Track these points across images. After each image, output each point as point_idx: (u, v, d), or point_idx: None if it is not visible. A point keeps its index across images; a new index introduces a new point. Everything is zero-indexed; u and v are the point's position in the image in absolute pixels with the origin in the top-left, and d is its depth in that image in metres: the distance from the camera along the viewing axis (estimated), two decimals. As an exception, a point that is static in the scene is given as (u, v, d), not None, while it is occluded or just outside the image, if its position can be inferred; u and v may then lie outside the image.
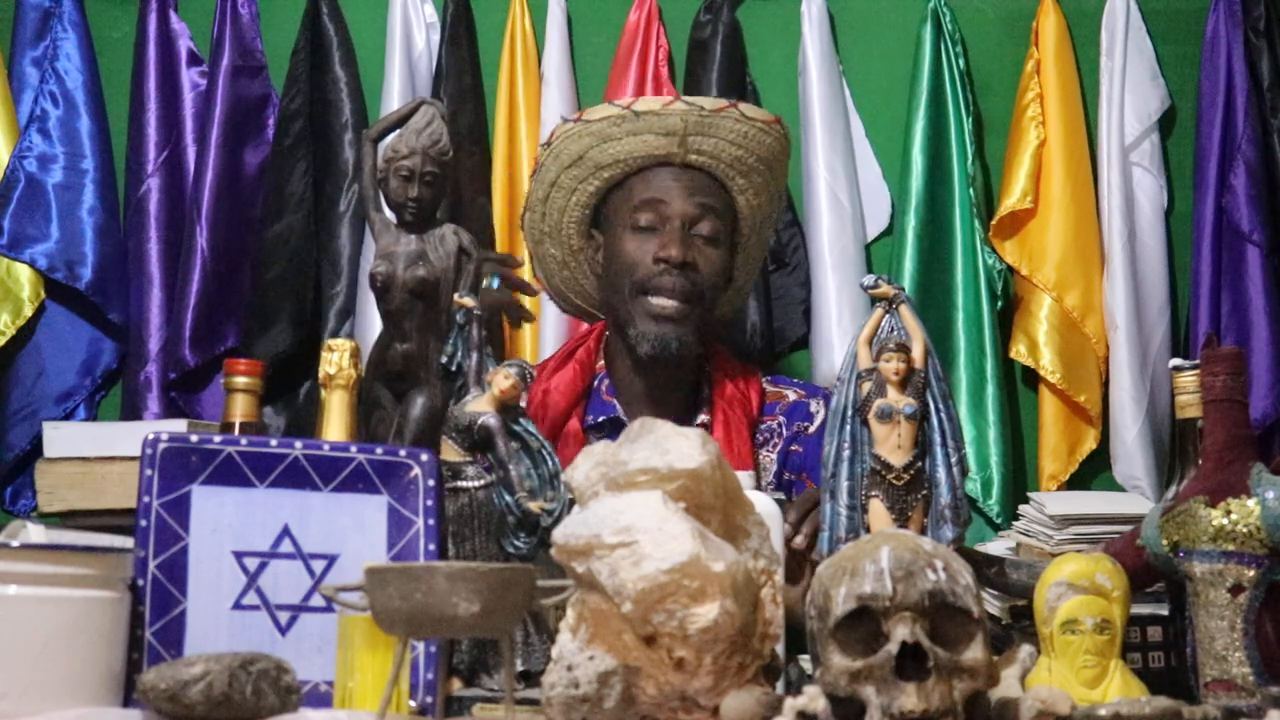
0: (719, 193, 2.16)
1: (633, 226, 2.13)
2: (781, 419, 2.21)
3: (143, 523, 1.37)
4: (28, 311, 2.90)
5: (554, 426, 2.12)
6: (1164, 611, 1.56)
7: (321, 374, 1.60)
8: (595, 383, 2.20)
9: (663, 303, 2.10)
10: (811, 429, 2.19)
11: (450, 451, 1.51)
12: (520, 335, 2.91)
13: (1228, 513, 1.40)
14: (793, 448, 2.17)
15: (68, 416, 2.89)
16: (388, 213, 1.77)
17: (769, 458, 2.17)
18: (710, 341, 2.25)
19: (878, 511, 1.46)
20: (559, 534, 1.24)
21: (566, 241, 2.23)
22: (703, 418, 2.15)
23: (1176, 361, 1.65)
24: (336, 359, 1.59)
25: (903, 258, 2.91)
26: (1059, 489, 2.83)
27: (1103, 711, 1.16)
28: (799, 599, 1.66)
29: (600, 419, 2.17)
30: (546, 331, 2.81)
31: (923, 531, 1.46)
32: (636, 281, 2.11)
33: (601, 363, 2.22)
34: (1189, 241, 2.94)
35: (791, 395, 2.25)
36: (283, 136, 2.93)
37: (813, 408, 2.22)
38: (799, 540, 1.78)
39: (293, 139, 2.92)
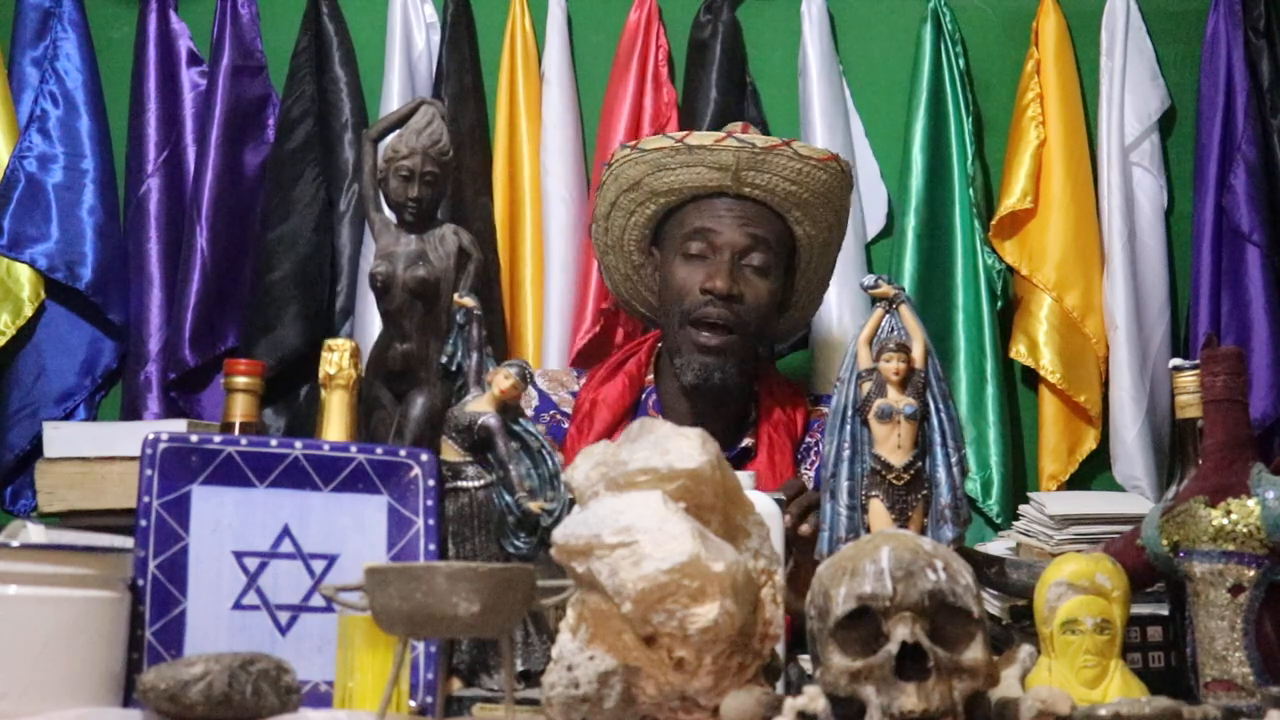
0: (773, 222, 2.16)
1: (684, 254, 2.14)
2: (820, 436, 2.21)
3: (143, 523, 1.37)
4: (28, 311, 2.90)
5: (599, 439, 2.12)
6: (1164, 611, 1.56)
7: (321, 374, 1.60)
8: (644, 396, 2.22)
9: (707, 336, 2.11)
10: None
11: (450, 451, 1.51)
12: (522, 335, 2.91)
13: (1228, 513, 1.40)
14: None
15: (68, 416, 2.89)
16: (388, 213, 1.77)
17: (807, 475, 2.18)
18: (761, 363, 2.26)
19: (878, 511, 1.46)
20: (559, 534, 1.24)
21: (628, 256, 2.26)
22: (747, 441, 2.16)
23: (1176, 361, 1.65)
24: (336, 359, 1.59)
25: (902, 258, 2.91)
26: (1059, 489, 2.83)
27: (1103, 711, 1.16)
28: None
29: None
30: (549, 332, 2.81)
31: (923, 531, 1.46)
32: (685, 310, 2.12)
33: (651, 376, 2.24)
34: (1189, 241, 2.94)
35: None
36: (286, 138, 2.93)
37: None
38: (805, 528, 1.75)
39: (300, 141, 2.92)
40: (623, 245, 2.24)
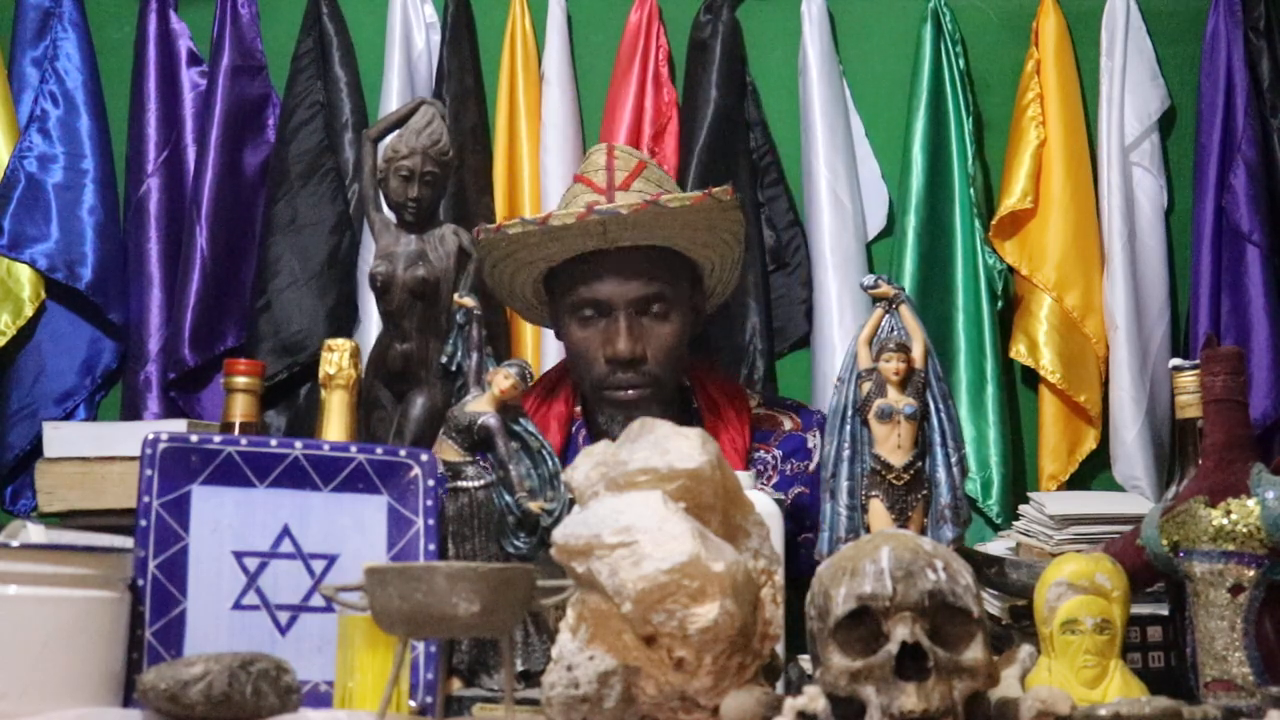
0: (663, 260, 2.02)
1: (578, 320, 2.04)
2: (777, 453, 2.11)
3: (143, 523, 1.37)
4: (28, 311, 2.90)
5: None
6: (1164, 611, 1.56)
7: (321, 374, 1.60)
8: (573, 431, 2.13)
9: (623, 396, 2.02)
10: (811, 466, 2.08)
11: (450, 451, 1.51)
12: (522, 335, 2.91)
13: (1228, 513, 1.39)
14: (797, 489, 2.07)
15: (68, 416, 2.89)
16: (388, 213, 1.77)
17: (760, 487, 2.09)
18: (695, 368, 2.15)
19: (878, 511, 1.46)
20: (559, 534, 1.24)
21: (525, 300, 2.15)
22: None
23: (1176, 361, 1.64)
24: (336, 359, 1.59)
25: (903, 257, 2.91)
26: (1059, 489, 2.83)
27: (1103, 711, 1.16)
28: None
29: None
30: (548, 331, 2.81)
31: (923, 531, 1.46)
32: (595, 380, 2.03)
33: (578, 409, 2.14)
34: (1189, 241, 2.94)
35: (787, 424, 2.14)
36: (291, 140, 2.93)
37: (809, 443, 2.12)
38: None
39: (309, 144, 2.92)
40: (514, 293, 2.13)
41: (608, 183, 2.03)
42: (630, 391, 2.02)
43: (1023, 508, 1.85)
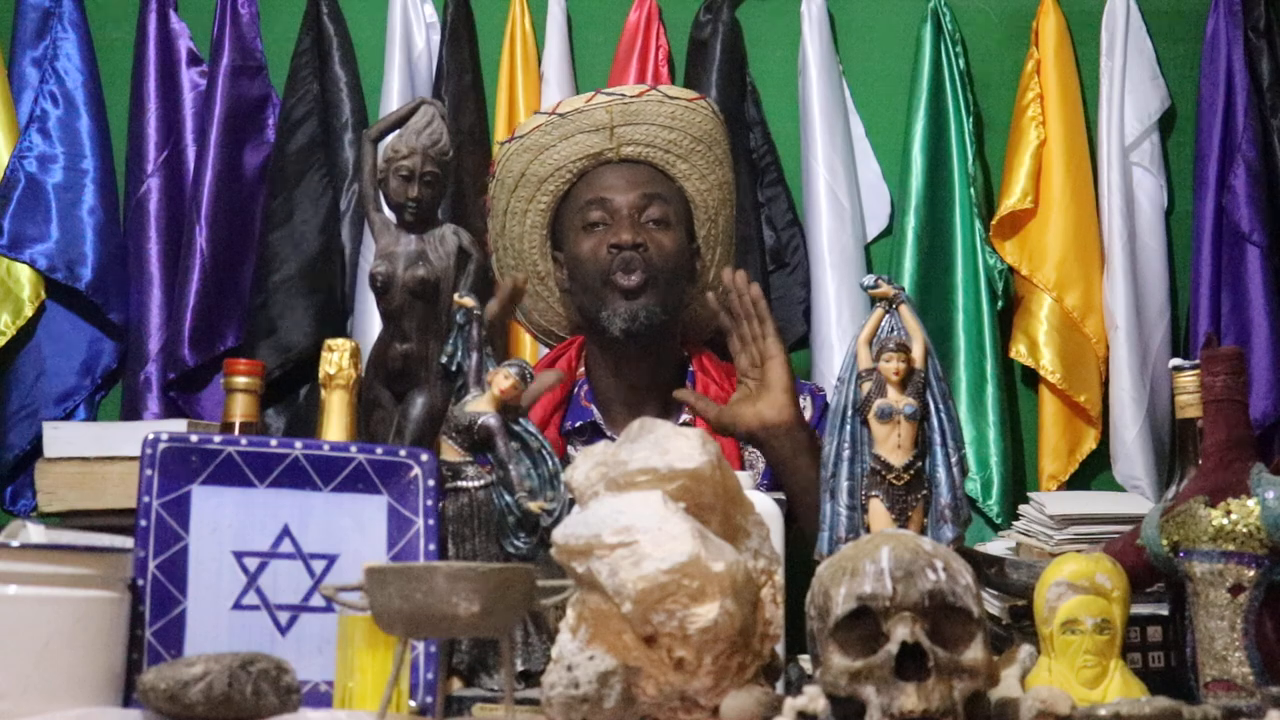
0: (663, 181, 2.19)
1: (584, 227, 2.16)
2: None
3: (143, 523, 1.37)
4: (28, 311, 2.90)
5: None
6: (1164, 611, 1.56)
7: (321, 374, 1.60)
8: (575, 389, 2.23)
9: (625, 278, 2.12)
10: None
11: (450, 451, 1.51)
12: (522, 335, 2.91)
13: (1228, 513, 1.39)
14: None
15: (68, 416, 2.89)
16: (388, 213, 1.77)
17: (755, 453, 2.15)
18: (692, 344, 2.26)
19: (878, 511, 1.46)
20: (559, 534, 1.24)
21: (532, 267, 2.25)
22: (684, 418, 2.14)
23: (1176, 361, 1.64)
24: (336, 359, 1.59)
25: (903, 258, 2.91)
26: (1059, 489, 2.83)
27: (1103, 711, 1.16)
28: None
29: (578, 423, 2.19)
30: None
31: (923, 531, 1.46)
32: (599, 272, 2.14)
33: (581, 369, 2.25)
34: (1189, 241, 2.94)
35: None
36: (289, 138, 2.93)
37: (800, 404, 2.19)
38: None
39: (304, 141, 2.92)
40: (523, 256, 2.24)
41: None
42: (632, 277, 2.12)
43: (1023, 508, 1.85)
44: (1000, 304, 2.92)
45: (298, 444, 1.44)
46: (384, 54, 2.98)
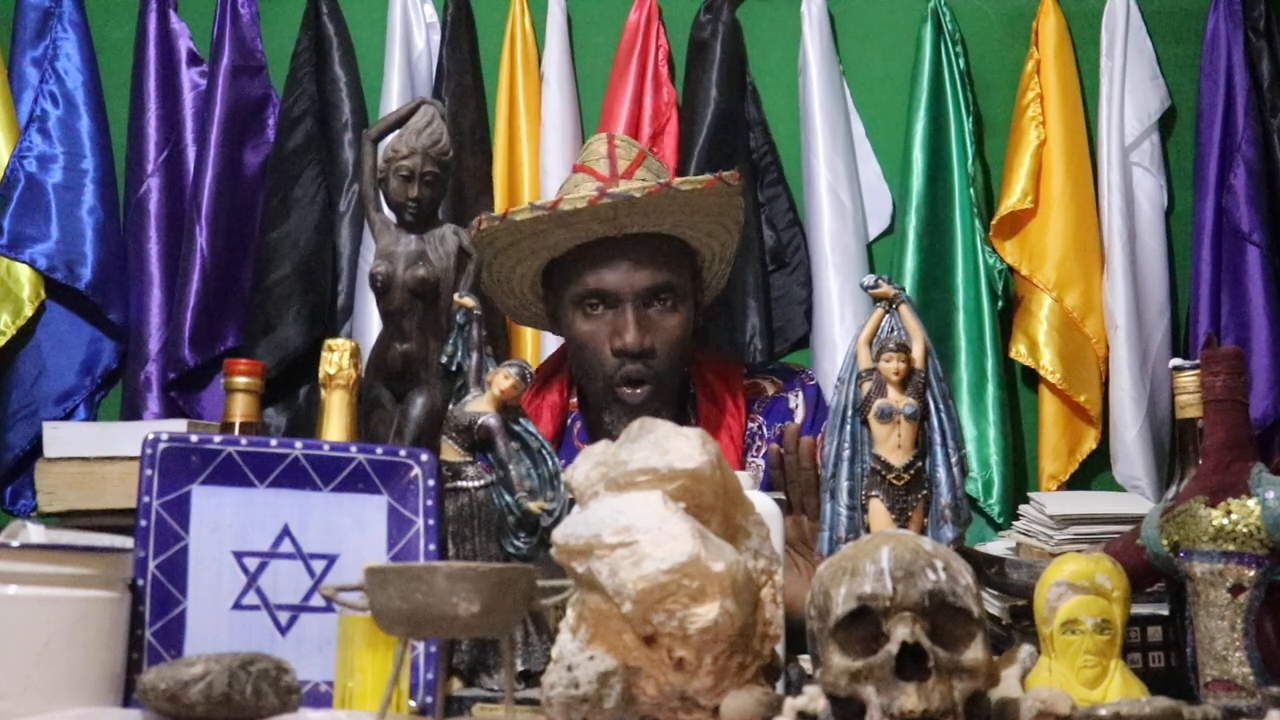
0: (670, 251, 2.03)
1: (584, 312, 2.03)
2: (761, 420, 2.13)
3: (143, 523, 1.37)
4: (28, 311, 2.90)
5: None
6: (1164, 611, 1.56)
7: (321, 374, 1.60)
8: (568, 421, 2.14)
9: (630, 394, 2.02)
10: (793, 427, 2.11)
11: (450, 451, 1.51)
12: (522, 335, 2.91)
13: (1228, 513, 1.39)
14: None
15: (68, 416, 2.89)
16: (388, 213, 1.77)
17: (754, 463, 2.11)
18: (693, 358, 2.15)
19: (878, 511, 1.46)
20: (559, 534, 1.24)
21: (520, 298, 2.14)
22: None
23: (1176, 361, 1.64)
24: (336, 359, 1.59)
25: (903, 257, 2.91)
26: (1059, 489, 2.83)
27: (1103, 711, 1.16)
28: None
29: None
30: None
31: (923, 531, 1.46)
32: (603, 374, 2.02)
33: (574, 400, 2.14)
34: (1189, 241, 2.95)
35: (770, 389, 2.16)
36: (286, 138, 2.93)
37: (791, 403, 2.14)
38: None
39: (300, 140, 2.92)
40: (511, 289, 2.12)
41: (610, 170, 2.04)
42: (639, 391, 2.01)
43: (1023, 508, 1.85)
44: (1000, 304, 2.92)
45: (298, 444, 1.44)
46: (384, 54, 2.99)
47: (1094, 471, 2.92)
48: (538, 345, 2.86)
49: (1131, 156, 2.95)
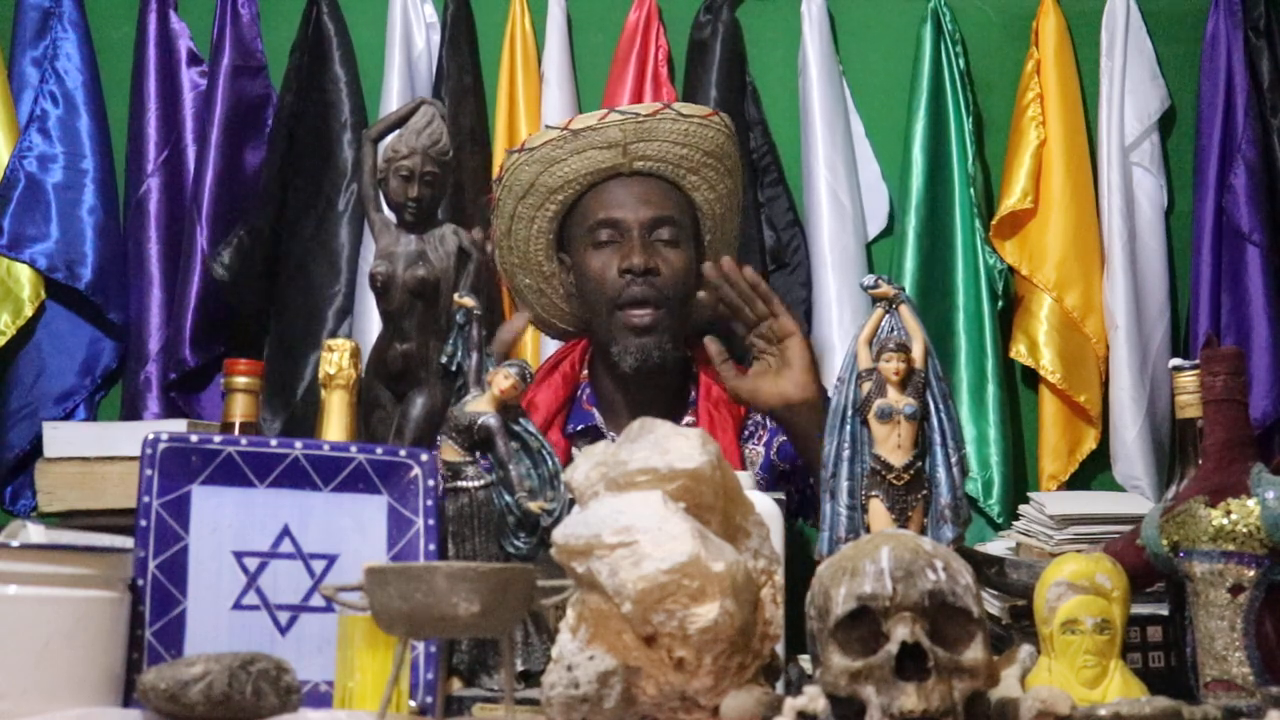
0: (673, 195, 2.18)
1: (594, 244, 2.15)
2: None
3: (143, 523, 1.37)
4: (28, 311, 2.90)
5: None
6: (1164, 611, 1.56)
7: (321, 374, 1.60)
8: (577, 392, 2.22)
9: (637, 315, 2.11)
10: None
11: (450, 451, 1.51)
12: (522, 336, 2.91)
13: (1228, 513, 1.39)
14: (780, 438, 2.15)
15: (68, 416, 2.89)
16: (388, 213, 1.77)
17: (756, 450, 2.16)
18: (696, 340, 2.23)
19: (878, 511, 1.46)
20: (559, 534, 1.24)
21: (537, 269, 2.23)
22: (688, 420, 2.14)
23: (1176, 361, 1.64)
24: (336, 359, 1.59)
25: (903, 257, 2.91)
26: (1059, 489, 2.83)
27: (1103, 711, 1.16)
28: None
29: (580, 427, 2.18)
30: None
31: (923, 531, 1.46)
32: (610, 298, 2.12)
33: (585, 373, 2.24)
34: (1189, 241, 2.95)
35: None
36: (281, 137, 2.93)
37: None
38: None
39: (298, 140, 2.92)
40: (529, 258, 2.22)
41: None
42: (645, 313, 2.11)
43: (1023, 508, 1.85)
44: (1000, 304, 2.92)
45: (298, 444, 1.44)
46: (384, 54, 2.99)
47: (1094, 471, 2.92)
48: (538, 345, 2.86)
49: (1131, 156, 2.95)
